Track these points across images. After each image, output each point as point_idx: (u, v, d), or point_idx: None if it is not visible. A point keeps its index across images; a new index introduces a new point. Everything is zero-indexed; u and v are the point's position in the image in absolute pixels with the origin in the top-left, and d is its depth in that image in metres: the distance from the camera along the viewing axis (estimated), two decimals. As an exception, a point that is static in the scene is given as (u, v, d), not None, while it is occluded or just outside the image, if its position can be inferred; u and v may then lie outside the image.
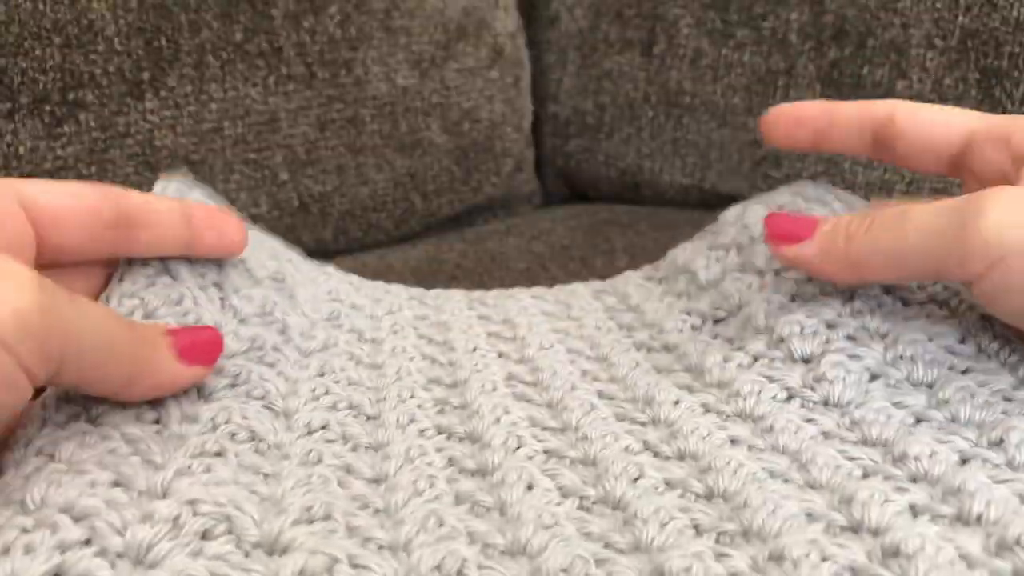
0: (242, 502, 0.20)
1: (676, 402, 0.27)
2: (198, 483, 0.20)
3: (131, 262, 0.28)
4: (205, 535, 0.19)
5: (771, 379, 0.28)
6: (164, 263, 0.28)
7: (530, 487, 0.23)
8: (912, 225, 0.26)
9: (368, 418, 0.27)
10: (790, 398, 0.27)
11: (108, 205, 0.26)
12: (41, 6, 0.41)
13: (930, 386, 0.27)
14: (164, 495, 0.20)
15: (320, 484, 0.22)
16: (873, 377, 0.27)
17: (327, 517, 0.20)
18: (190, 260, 0.29)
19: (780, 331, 0.29)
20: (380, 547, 0.20)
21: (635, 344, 0.33)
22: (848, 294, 0.30)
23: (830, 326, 0.29)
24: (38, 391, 0.22)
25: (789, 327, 0.29)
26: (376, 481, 0.24)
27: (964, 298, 0.29)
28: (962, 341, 0.28)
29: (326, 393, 0.28)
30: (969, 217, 0.24)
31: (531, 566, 0.20)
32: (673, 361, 0.31)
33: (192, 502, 0.19)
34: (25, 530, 0.19)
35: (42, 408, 0.23)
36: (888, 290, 0.30)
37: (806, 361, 0.28)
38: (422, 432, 0.26)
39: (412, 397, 0.29)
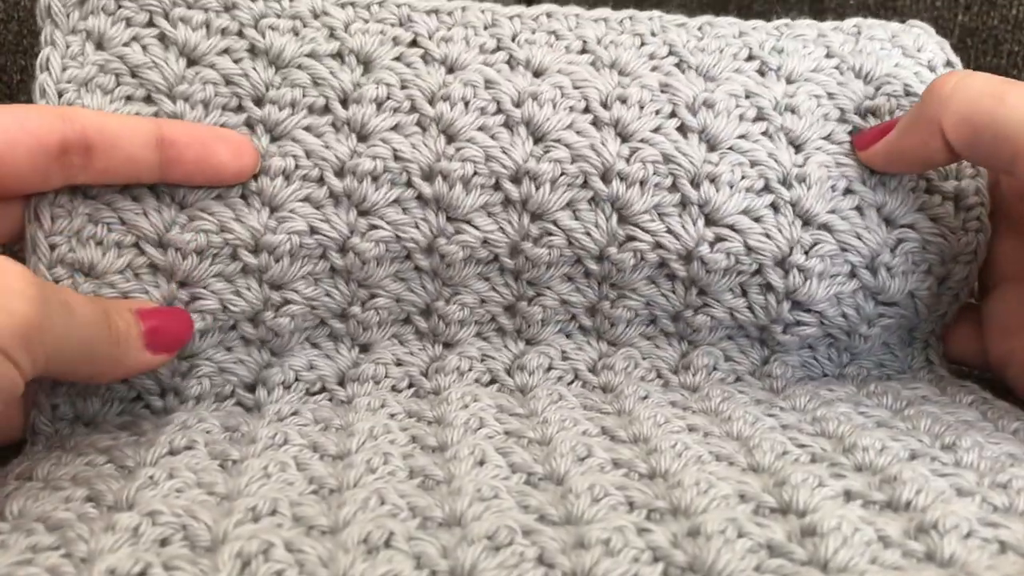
0: (197, 510, 0.21)
1: (644, 397, 0.28)
2: (159, 495, 0.22)
3: None
4: (163, 542, 0.20)
5: (743, 392, 0.29)
6: None
7: (481, 463, 0.24)
8: (1013, 101, 0.26)
9: (342, 402, 0.29)
10: (758, 403, 0.28)
11: (54, 131, 0.24)
12: (41, 4, 0.42)
13: (898, 411, 0.28)
14: (130, 507, 0.22)
15: (277, 471, 0.23)
16: (841, 401, 0.28)
17: (273, 512, 0.21)
18: None
19: (769, 369, 0.31)
20: (323, 532, 0.21)
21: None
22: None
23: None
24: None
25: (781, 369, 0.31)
26: (340, 457, 0.25)
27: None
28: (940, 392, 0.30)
29: (296, 379, 0.30)
30: None
31: (461, 534, 0.20)
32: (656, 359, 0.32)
33: (152, 513, 0.21)
34: (2, 534, 0.20)
35: (18, 454, 0.26)
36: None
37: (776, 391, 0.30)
38: (392, 415, 0.27)
39: (391, 387, 0.30)
